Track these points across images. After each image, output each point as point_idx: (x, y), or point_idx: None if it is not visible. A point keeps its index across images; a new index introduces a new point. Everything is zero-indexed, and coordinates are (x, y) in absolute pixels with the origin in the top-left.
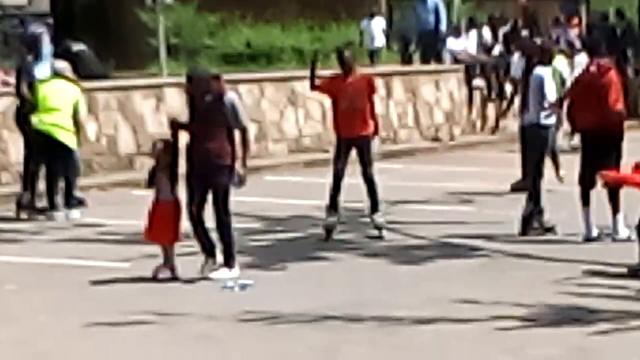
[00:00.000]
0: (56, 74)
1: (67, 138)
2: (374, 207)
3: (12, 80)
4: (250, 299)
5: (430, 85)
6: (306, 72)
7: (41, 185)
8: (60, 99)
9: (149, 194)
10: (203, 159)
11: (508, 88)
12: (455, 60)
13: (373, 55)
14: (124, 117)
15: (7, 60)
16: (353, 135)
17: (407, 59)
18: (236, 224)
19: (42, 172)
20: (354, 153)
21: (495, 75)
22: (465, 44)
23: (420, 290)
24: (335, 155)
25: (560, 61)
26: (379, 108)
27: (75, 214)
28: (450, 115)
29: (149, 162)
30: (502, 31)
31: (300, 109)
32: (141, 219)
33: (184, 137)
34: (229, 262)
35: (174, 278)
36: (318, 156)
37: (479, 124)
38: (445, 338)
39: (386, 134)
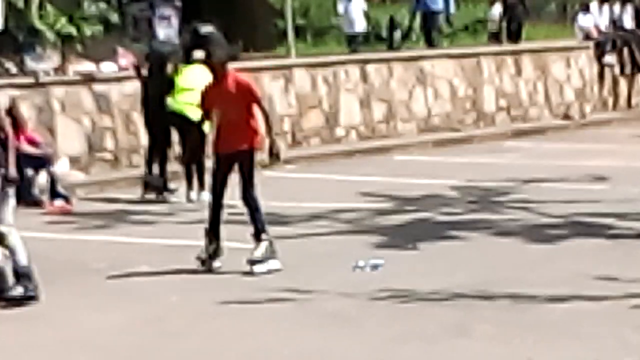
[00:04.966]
0: (194, 61)
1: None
2: (256, 234)
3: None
4: (382, 277)
5: (560, 63)
6: (435, 52)
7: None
8: (195, 81)
9: (280, 175)
10: None
11: None
12: (586, 36)
13: (351, 42)
14: None
15: (136, 43)
16: (231, 151)
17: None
18: (367, 203)
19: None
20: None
21: (628, 51)
22: (596, 20)
23: (553, 268)
24: (213, 173)
25: None
26: (508, 86)
27: (206, 195)
28: (581, 92)
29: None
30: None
31: (429, 88)
32: (273, 200)
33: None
34: None
35: None
36: (447, 135)
37: (610, 101)
38: (578, 316)
39: (516, 112)
